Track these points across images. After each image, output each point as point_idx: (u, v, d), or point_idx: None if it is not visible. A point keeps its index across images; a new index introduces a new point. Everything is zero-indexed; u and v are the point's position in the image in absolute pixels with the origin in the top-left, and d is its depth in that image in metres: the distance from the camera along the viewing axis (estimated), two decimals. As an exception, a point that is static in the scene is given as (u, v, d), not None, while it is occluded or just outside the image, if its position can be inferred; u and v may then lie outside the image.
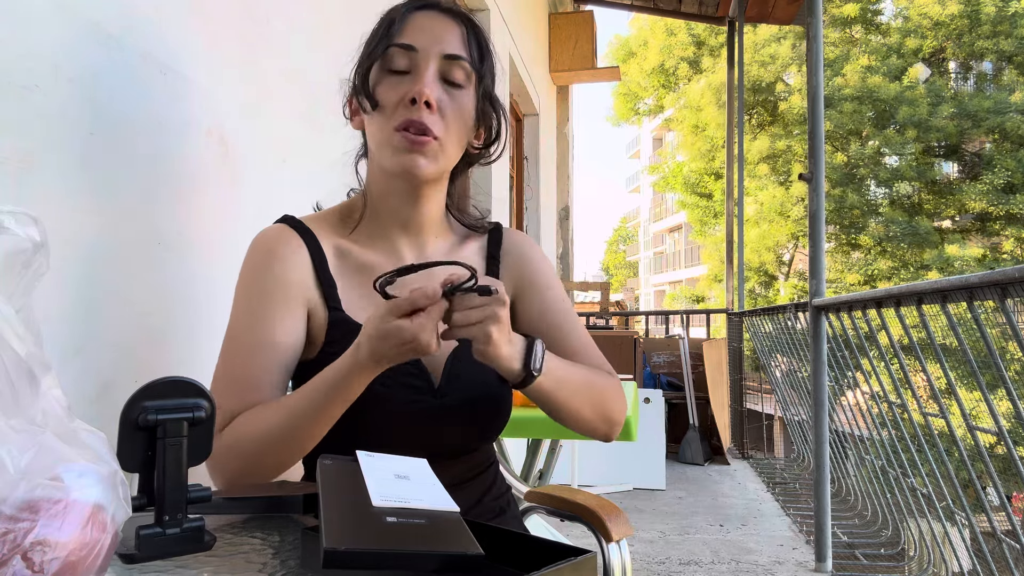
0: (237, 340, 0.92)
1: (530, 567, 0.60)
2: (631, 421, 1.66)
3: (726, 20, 6.46)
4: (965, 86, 16.34)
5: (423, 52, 0.91)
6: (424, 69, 0.91)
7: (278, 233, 0.97)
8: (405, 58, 0.91)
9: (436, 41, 0.92)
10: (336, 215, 1.02)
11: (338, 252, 0.98)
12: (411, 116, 0.89)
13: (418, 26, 0.92)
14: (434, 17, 0.93)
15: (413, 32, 0.92)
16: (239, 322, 0.93)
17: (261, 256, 0.95)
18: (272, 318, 0.91)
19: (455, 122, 0.93)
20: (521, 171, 5.66)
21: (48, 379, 0.54)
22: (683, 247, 34.11)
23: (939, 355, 2.25)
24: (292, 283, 0.93)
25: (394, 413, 0.91)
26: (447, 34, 0.93)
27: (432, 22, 0.93)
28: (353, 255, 0.98)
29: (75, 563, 0.50)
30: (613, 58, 18.19)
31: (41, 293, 0.58)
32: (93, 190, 1.02)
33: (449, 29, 0.93)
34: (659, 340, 6.30)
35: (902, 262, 14.67)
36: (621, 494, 4.17)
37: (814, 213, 2.88)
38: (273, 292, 0.92)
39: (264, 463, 0.86)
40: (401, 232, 0.99)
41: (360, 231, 1.00)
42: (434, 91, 0.90)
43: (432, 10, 0.94)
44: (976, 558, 2.38)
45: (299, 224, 0.98)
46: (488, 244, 1.08)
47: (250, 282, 0.94)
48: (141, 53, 1.12)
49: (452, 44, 0.92)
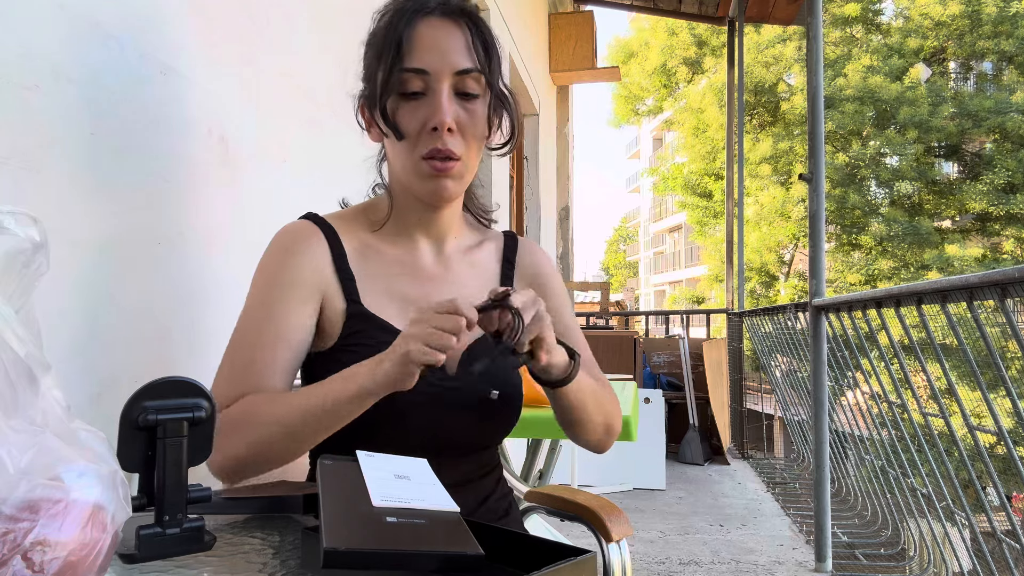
0: (248, 331, 0.93)
1: (530, 567, 0.60)
2: (631, 421, 1.66)
3: (726, 20, 6.46)
4: (966, 86, 16.34)
5: (435, 74, 0.92)
6: (439, 92, 0.92)
7: (299, 228, 0.99)
8: (419, 81, 0.92)
9: (445, 58, 0.92)
10: (361, 212, 1.05)
11: (361, 248, 1.00)
12: (435, 144, 0.92)
13: (425, 44, 0.92)
14: (438, 26, 0.93)
15: (422, 51, 0.92)
16: (252, 314, 0.94)
17: (280, 250, 0.97)
18: (285, 312, 0.93)
19: (474, 135, 0.95)
20: (521, 171, 5.65)
21: (48, 379, 0.54)
22: (683, 247, 34.10)
23: (939, 355, 2.25)
24: (308, 277, 0.95)
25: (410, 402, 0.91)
26: (454, 46, 0.93)
27: (437, 33, 0.93)
28: (376, 251, 1.01)
29: (75, 563, 0.50)
30: (613, 60, 18.18)
31: (41, 293, 0.58)
32: (93, 190, 1.02)
33: (454, 37, 0.93)
34: (659, 340, 6.30)
35: (902, 262, 14.68)
36: (621, 494, 4.17)
37: (814, 213, 2.88)
38: (287, 286, 0.94)
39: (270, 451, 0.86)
40: (423, 233, 1.03)
41: (384, 230, 1.03)
42: (452, 113, 0.92)
43: (434, 16, 0.93)
44: (976, 558, 2.38)
45: (321, 220, 1.00)
46: (504, 249, 1.11)
47: (267, 275, 0.96)
48: (141, 53, 1.12)
49: (461, 56, 0.93)
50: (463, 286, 1.03)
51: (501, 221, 4.15)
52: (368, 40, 0.98)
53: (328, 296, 0.96)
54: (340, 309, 0.96)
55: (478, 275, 1.06)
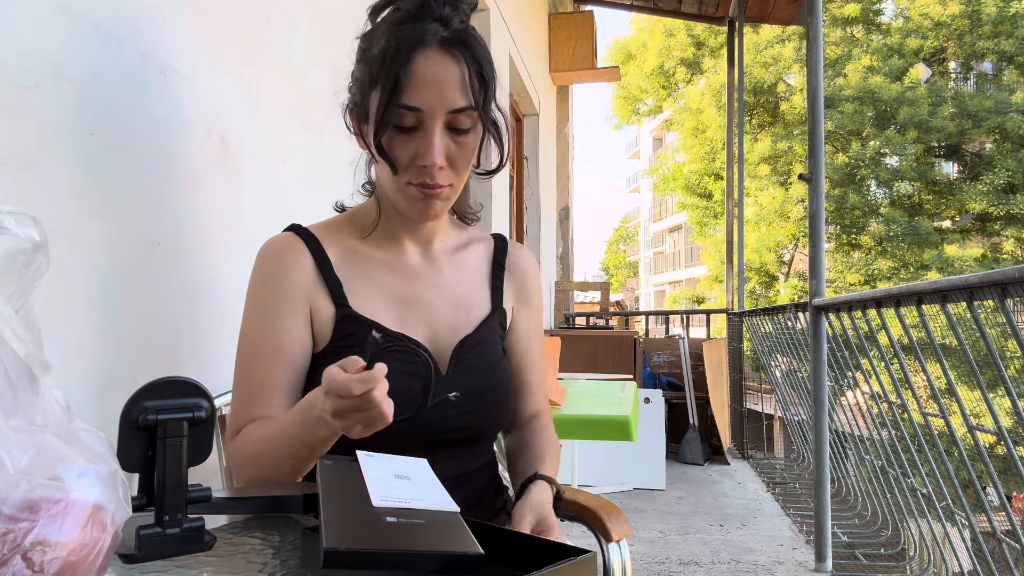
0: (249, 349, 0.97)
1: (530, 567, 0.60)
2: (631, 421, 1.66)
3: (726, 20, 6.46)
4: (966, 86, 16.34)
5: (430, 111, 0.91)
6: (432, 130, 0.92)
7: (281, 241, 1.01)
8: (413, 117, 0.92)
9: (441, 97, 0.91)
10: (347, 220, 1.07)
11: (347, 254, 1.02)
12: (423, 179, 0.94)
13: (422, 81, 0.91)
14: (435, 61, 0.91)
15: (417, 90, 0.91)
16: (250, 331, 0.98)
17: (266, 264, 0.99)
18: (280, 326, 0.96)
19: (464, 166, 0.96)
20: (521, 171, 5.66)
21: (48, 379, 0.54)
22: (683, 247, 34.10)
23: (939, 355, 2.25)
24: (296, 287, 0.98)
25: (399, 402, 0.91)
26: (450, 83, 0.91)
27: (434, 70, 0.91)
28: (363, 255, 1.03)
29: (75, 563, 0.50)
30: (613, 60, 18.17)
31: (41, 293, 0.58)
32: (93, 190, 1.02)
33: (451, 73, 0.91)
34: (659, 340, 6.30)
35: (902, 262, 14.68)
36: (621, 494, 4.17)
37: (814, 213, 2.88)
38: (278, 299, 0.97)
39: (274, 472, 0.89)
40: (409, 236, 1.05)
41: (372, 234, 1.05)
42: (443, 149, 0.93)
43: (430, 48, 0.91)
44: (976, 558, 2.38)
45: (303, 231, 1.02)
46: (495, 252, 1.13)
47: (257, 291, 0.99)
48: (141, 53, 1.12)
49: (456, 95, 0.92)
50: (453, 285, 1.05)
51: (501, 221, 4.14)
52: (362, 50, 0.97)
53: (315, 303, 0.98)
54: (329, 314, 0.98)
55: (466, 274, 1.08)
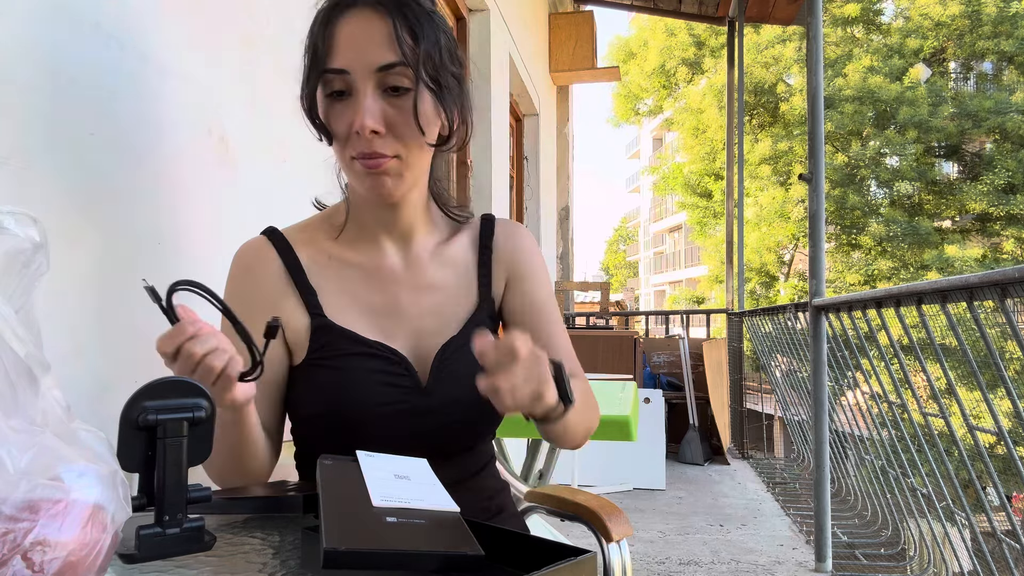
0: None
1: (530, 567, 0.60)
2: (631, 421, 1.66)
3: (726, 20, 6.46)
4: (966, 86, 16.34)
5: (355, 73, 0.86)
6: (361, 92, 0.86)
7: (253, 249, 0.97)
8: (341, 81, 0.88)
9: (364, 55, 0.86)
10: (324, 220, 1.02)
11: (320, 259, 0.97)
12: (361, 148, 0.88)
13: (344, 41, 0.87)
14: (359, 20, 0.87)
15: (340, 50, 0.87)
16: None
17: (236, 273, 0.97)
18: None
19: (410, 131, 0.89)
20: (521, 171, 5.65)
21: (48, 379, 0.54)
22: (683, 247, 34.10)
23: (939, 355, 2.25)
24: (264, 298, 0.94)
25: (379, 413, 0.91)
26: (374, 39, 0.86)
27: (356, 28, 0.87)
28: (337, 260, 0.98)
29: (75, 563, 0.50)
30: (613, 60, 18.17)
31: (41, 293, 0.58)
32: (93, 190, 1.02)
33: (375, 30, 0.86)
34: (659, 340, 6.30)
35: (902, 262, 14.68)
36: (621, 494, 4.17)
37: (814, 213, 2.88)
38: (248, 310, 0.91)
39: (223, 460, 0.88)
40: (385, 233, 0.99)
41: (345, 235, 0.99)
42: (374, 116, 0.86)
43: (355, 9, 0.87)
44: (976, 558, 2.38)
45: (277, 236, 0.98)
46: (480, 235, 1.06)
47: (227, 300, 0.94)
48: (141, 53, 1.12)
49: (381, 51, 0.86)
50: (435, 286, 0.99)
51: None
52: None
53: (287, 313, 0.94)
54: (304, 324, 0.94)
55: (451, 274, 1.01)
